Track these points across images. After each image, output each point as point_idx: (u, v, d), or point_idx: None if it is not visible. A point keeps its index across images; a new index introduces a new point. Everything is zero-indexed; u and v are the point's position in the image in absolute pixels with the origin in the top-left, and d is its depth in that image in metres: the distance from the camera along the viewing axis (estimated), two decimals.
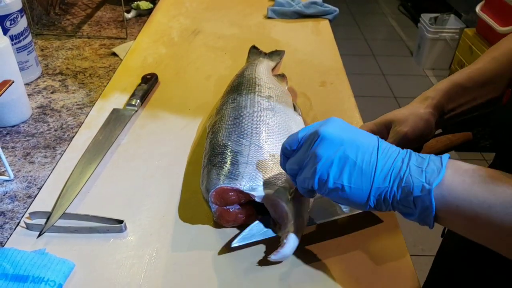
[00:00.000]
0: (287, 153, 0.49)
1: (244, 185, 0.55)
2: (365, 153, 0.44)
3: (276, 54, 0.99)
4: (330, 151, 0.44)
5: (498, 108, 0.63)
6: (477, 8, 2.17)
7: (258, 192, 0.55)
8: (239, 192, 0.55)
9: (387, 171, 0.43)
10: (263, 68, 0.85)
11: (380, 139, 0.46)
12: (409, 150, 0.45)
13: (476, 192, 0.40)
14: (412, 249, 1.70)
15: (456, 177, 0.41)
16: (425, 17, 2.89)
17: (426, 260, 1.50)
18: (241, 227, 0.58)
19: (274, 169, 0.58)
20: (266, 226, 0.56)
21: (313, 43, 1.11)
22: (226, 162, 0.58)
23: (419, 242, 1.73)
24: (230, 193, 0.55)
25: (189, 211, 0.62)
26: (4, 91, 0.61)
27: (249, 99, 0.70)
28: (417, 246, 1.72)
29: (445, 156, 0.44)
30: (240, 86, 0.75)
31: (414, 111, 0.59)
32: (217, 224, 0.59)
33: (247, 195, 0.55)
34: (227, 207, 0.56)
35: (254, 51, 1.01)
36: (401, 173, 0.42)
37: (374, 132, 0.59)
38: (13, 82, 0.63)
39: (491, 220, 0.39)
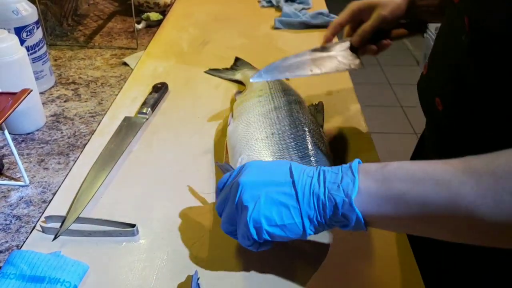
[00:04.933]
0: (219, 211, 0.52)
1: None
2: (284, 188, 0.45)
3: None
4: (255, 197, 0.45)
5: (421, 78, 0.67)
6: None
7: None
8: None
9: (308, 197, 0.44)
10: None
11: (292, 167, 0.47)
12: (321, 168, 0.46)
13: (388, 187, 0.41)
14: None
15: (367, 181, 0.42)
16: (432, 27, 2.91)
17: None
18: None
19: None
20: None
21: None
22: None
23: None
24: None
25: (200, 216, 0.63)
26: (23, 99, 0.63)
27: (279, 100, 0.77)
28: None
29: (355, 163, 0.44)
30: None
31: None
32: None
33: None
34: None
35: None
36: (321, 195, 0.43)
37: (360, 10, 0.75)
38: (32, 90, 0.65)
39: (412, 209, 0.40)
